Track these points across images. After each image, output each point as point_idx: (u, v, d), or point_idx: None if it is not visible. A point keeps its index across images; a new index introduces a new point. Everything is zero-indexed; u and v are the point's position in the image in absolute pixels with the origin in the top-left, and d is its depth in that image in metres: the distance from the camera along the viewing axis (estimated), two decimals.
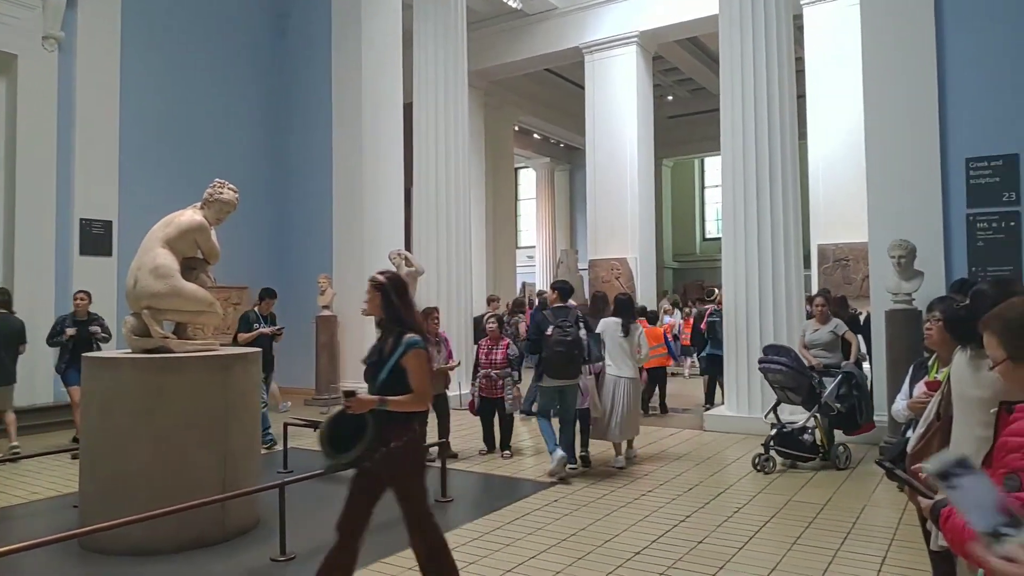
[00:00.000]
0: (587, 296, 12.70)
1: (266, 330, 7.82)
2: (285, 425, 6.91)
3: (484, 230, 16.78)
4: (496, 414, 7.19)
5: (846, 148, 11.28)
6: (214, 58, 11.36)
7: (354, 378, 7.22)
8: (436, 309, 7.18)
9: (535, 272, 23.86)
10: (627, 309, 6.82)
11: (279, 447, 6.97)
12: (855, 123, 8.99)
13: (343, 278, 10.98)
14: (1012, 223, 7.03)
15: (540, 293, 12.59)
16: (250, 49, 11.94)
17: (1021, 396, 1.72)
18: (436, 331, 6.99)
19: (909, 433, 3.59)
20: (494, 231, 17.49)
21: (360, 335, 9.93)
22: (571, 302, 6.71)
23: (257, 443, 5.22)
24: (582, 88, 15.37)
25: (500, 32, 15.54)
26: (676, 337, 13.34)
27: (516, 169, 24.54)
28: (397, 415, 3.15)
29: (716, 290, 10.46)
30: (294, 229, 11.99)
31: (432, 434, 6.91)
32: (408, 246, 11.08)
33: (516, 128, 20.32)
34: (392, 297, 3.25)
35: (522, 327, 10.85)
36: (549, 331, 6.12)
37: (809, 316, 7.66)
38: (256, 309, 8.07)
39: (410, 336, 3.18)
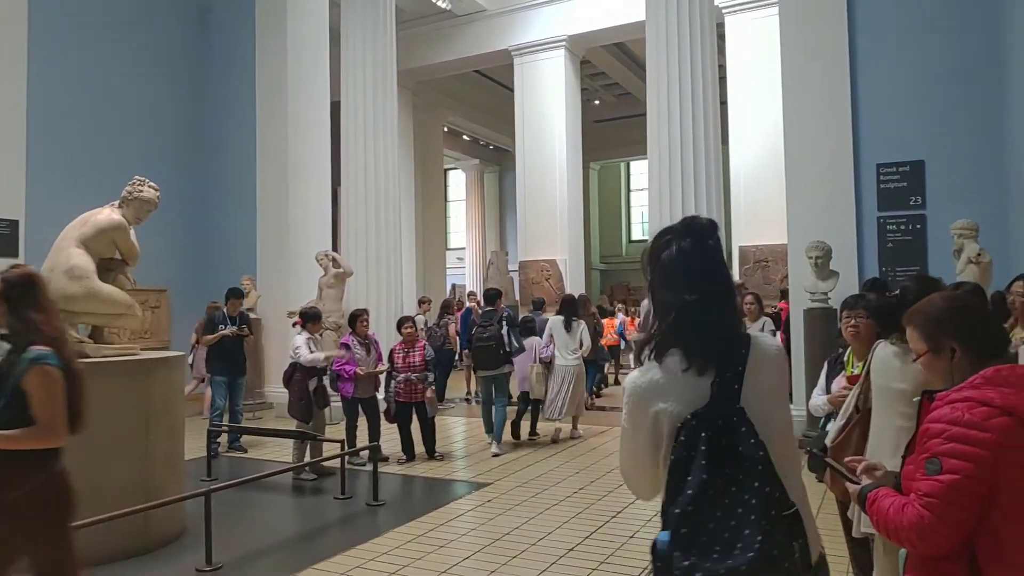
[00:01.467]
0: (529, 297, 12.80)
1: (227, 331, 7.55)
2: (209, 431, 6.67)
3: (414, 231, 16.66)
4: (416, 419, 6.96)
5: (766, 153, 11.72)
6: (131, 50, 10.84)
7: (279, 383, 7.02)
8: (365, 311, 7.06)
9: (465, 274, 23.82)
10: (570, 308, 7.98)
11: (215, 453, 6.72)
12: (775, 129, 9.36)
13: (268, 280, 10.67)
14: (918, 226, 7.47)
15: (471, 294, 12.57)
16: (169, 41, 11.45)
17: (941, 386, 1.81)
18: (366, 333, 6.88)
19: (829, 426, 3.76)
20: (424, 232, 17.37)
21: (287, 338, 9.67)
22: (508, 304, 6.95)
23: (180, 450, 5.01)
24: (511, 90, 15.46)
25: (429, 32, 15.46)
26: (621, 336, 13.60)
27: (446, 170, 24.42)
28: (17, 456, 2.46)
29: None
30: (216, 230, 11.56)
31: (363, 437, 6.84)
32: (336, 247, 10.87)
33: (445, 129, 20.24)
34: (16, 301, 2.60)
35: (452, 328, 10.81)
36: (474, 331, 7.42)
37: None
38: (224, 310, 7.82)
39: (37, 350, 2.51)
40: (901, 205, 7.49)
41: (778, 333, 8.47)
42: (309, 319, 6.66)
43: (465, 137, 22.61)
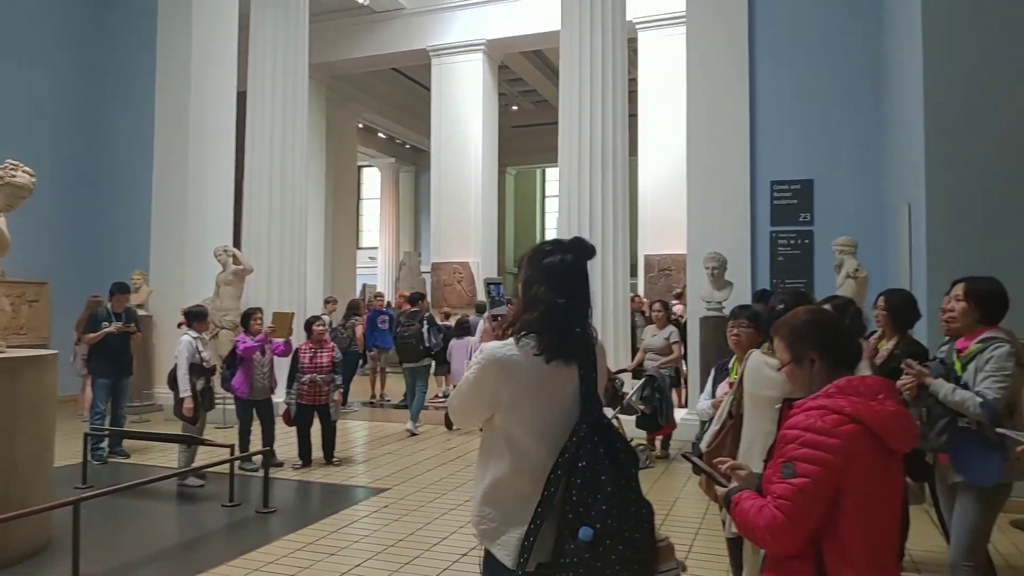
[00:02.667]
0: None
1: (111, 328, 7.10)
2: (85, 435, 6.27)
3: (323, 229, 16.26)
4: (318, 422, 6.76)
5: (673, 166, 12.11)
6: (15, 26, 10.10)
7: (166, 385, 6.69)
8: (259, 310, 6.81)
9: (377, 274, 23.45)
10: (482, 311, 8.35)
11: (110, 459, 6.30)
12: (681, 143, 9.67)
13: (161, 275, 10.17)
14: (806, 240, 7.89)
15: (378, 295, 12.37)
16: (61, 18, 10.75)
17: (801, 394, 1.91)
18: (259, 333, 6.64)
19: (710, 428, 3.91)
20: (334, 230, 16.98)
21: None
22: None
23: (49, 456, 4.68)
24: (429, 90, 15.36)
25: (346, 27, 15.15)
26: None
27: (360, 167, 24.00)
28: None
29: None
30: (106, 221, 10.92)
31: (256, 441, 6.60)
32: (237, 242, 10.46)
33: (360, 126, 19.89)
34: None
35: (359, 330, 10.62)
36: (399, 328, 8.76)
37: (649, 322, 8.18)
38: (108, 306, 7.34)
39: None
40: (791, 221, 7.89)
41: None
42: (194, 318, 6.35)
43: (381, 135, 22.28)
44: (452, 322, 11.54)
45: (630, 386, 6.92)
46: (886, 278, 6.57)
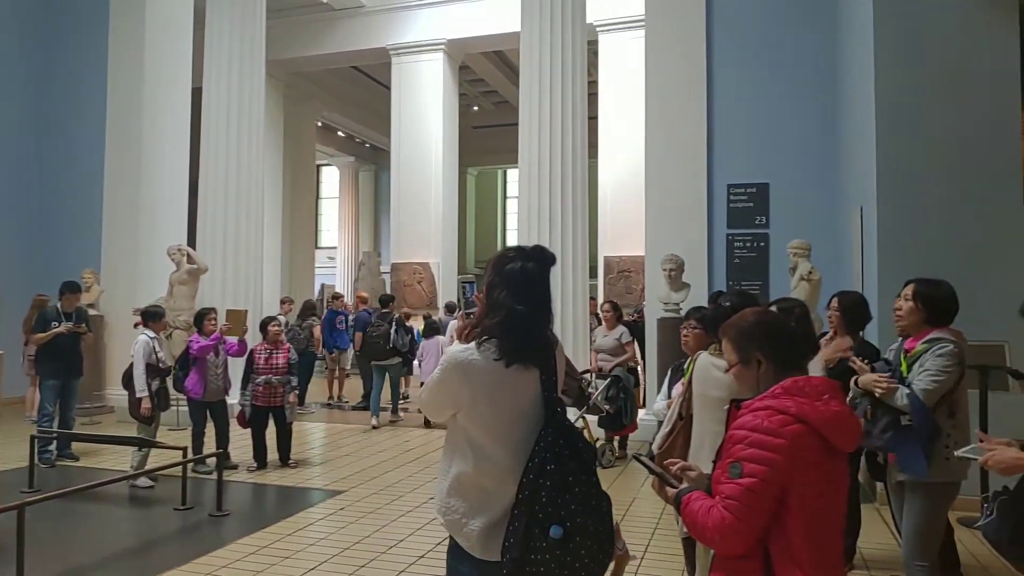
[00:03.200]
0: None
1: (61, 328, 6.87)
2: (32, 438, 6.05)
3: (281, 228, 16.00)
4: (273, 424, 6.65)
5: (632, 168, 12.21)
6: None
7: (119, 386, 6.50)
8: (213, 310, 6.67)
9: (336, 274, 23.17)
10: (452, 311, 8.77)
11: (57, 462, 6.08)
12: (642, 144, 9.78)
13: (113, 274, 9.89)
14: (762, 243, 8.04)
15: (337, 297, 12.17)
16: (9, 14, 10.38)
17: (749, 394, 1.94)
18: (213, 333, 6.50)
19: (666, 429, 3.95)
20: (292, 229, 16.72)
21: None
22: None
23: None
24: (389, 89, 15.25)
25: (305, 23, 14.94)
26: None
27: (319, 166, 23.70)
28: None
29: None
30: (57, 219, 10.58)
31: (210, 443, 6.46)
32: (192, 241, 10.23)
33: (319, 124, 19.63)
34: None
35: (316, 330, 10.49)
36: (368, 328, 9.37)
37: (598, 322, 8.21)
38: (58, 305, 7.10)
39: None
40: (748, 224, 8.04)
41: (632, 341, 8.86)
42: (150, 318, 6.20)
43: (340, 133, 22.03)
44: (412, 323, 11.47)
45: (595, 386, 6.96)
46: (840, 280, 6.74)
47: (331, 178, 26.21)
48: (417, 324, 11.55)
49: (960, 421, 3.04)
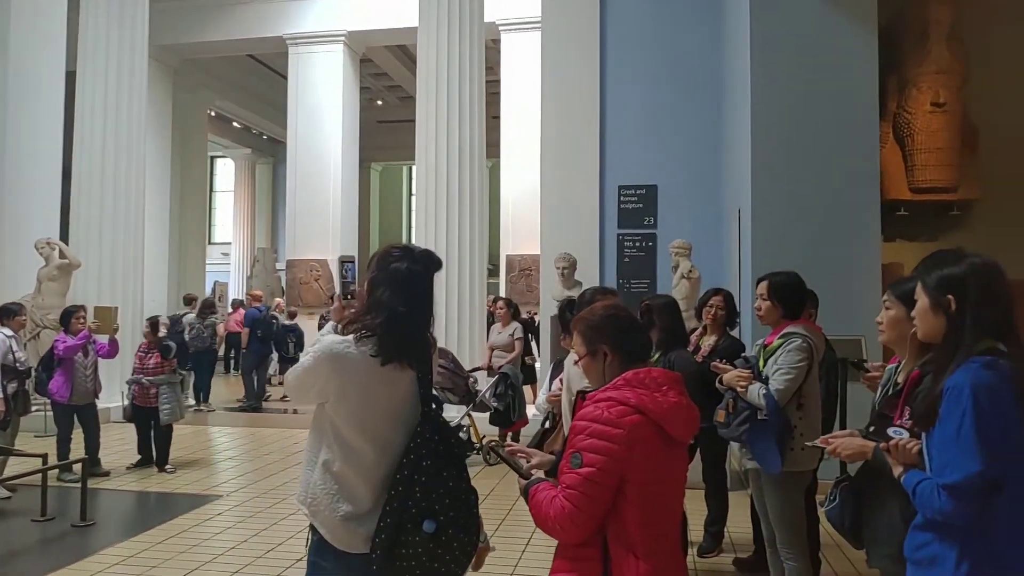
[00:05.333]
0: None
1: None
2: None
3: (169, 222, 15.17)
4: (152, 425, 6.46)
5: (535, 166, 12.27)
6: None
7: None
8: (82, 308, 6.28)
9: (230, 270, 22.20)
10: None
11: None
12: None
13: None
14: (650, 243, 8.30)
15: (255, 296, 11.69)
16: None
17: (596, 385, 1.98)
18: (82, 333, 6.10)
19: (548, 424, 4.01)
20: (182, 224, 15.91)
21: None
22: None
23: None
24: (287, 79, 14.78)
25: (196, 8, 14.22)
26: None
27: (212, 158, 22.67)
28: None
29: None
30: None
31: (78, 448, 6.06)
32: (65, 234, 9.56)
33: (212, 113, 18.77)
34: None
35: (220, 328, 10.10)
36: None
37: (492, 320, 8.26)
38: None
39: None
40: (637, 224, 8.28)
41: (532, 339, 8.98)
42: (4, 314, 5.74)
43: (236, 124, 21.12)
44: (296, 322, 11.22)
45: (483, 383, 7.00)
46: (721, 278, 7.04)
47: (226, 171, 25.11)
48: (312, 322, 11.29)
49: (808, 413, 3.21)
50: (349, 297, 2.14)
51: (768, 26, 6.19)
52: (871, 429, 2.21)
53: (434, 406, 2.01)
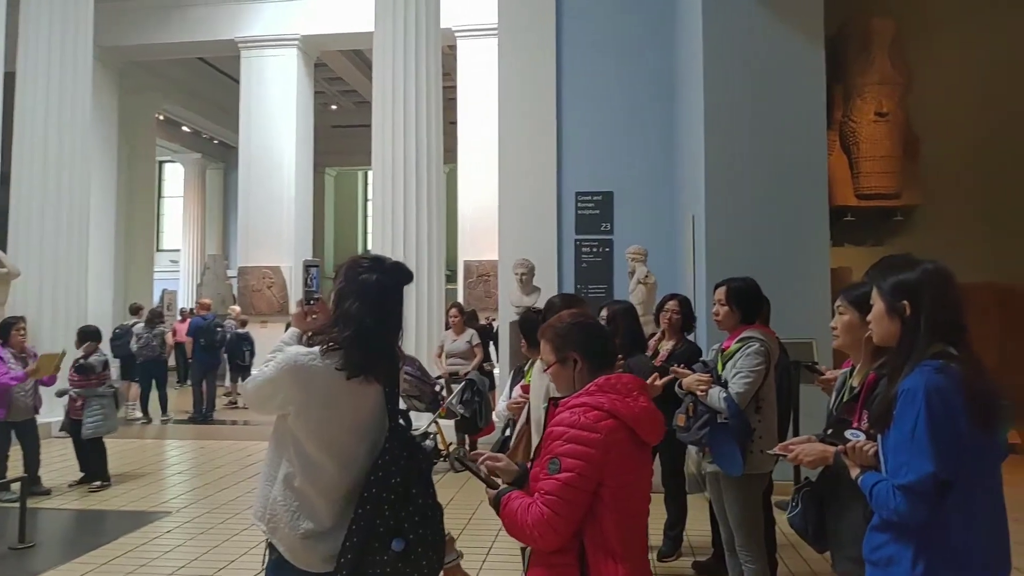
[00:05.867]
0: None
1: None
2: None
3: (115, 228, 14.69)
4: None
5: (492, 172, 12.24)
6: None
7: None
8: (22, 320, 6.01)
9: (180, 278, 21.58)
10: None
11: None
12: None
13: None
14: (607, 249, 8.36)
15: (203, 304, 11.31)
16: None
17: (566, 392, 2.00)
18: (22, 346, 5.84)
19: (508, 432, 3.98)
20: (128, 230, 15.42)
21: None
22: None
23: None
24: (239, 82, 14.49)
25: (144, 9, 13.86)
26: None
27: (161, 163, 22.11)
28: None
29: None
30: None
31: (17, 466, 5.80)
32: (3, 242, 9.17)
33: (161, 117, 18.29)
34: None
35: (169, 338, 9.81)
36: None
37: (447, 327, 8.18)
38: None
39: None
40: (594, 230, 8.33)
41: (490, 345, 8.96)
42: None
43: (185, 128, 20.62)
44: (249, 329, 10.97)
45: (450, 390, 6.95)
46: (676, 283, 7.12)
47: (175, 176, 24.46)
48: (265, 331, 11.05)
49: (766, 415, 3.26)
50: (312, 303, 2.06)
51: (720, 37, 6.29)
52: (829, 433, 2.24)
53: (402, 421, 1.98)
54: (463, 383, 6.89)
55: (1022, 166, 7.87)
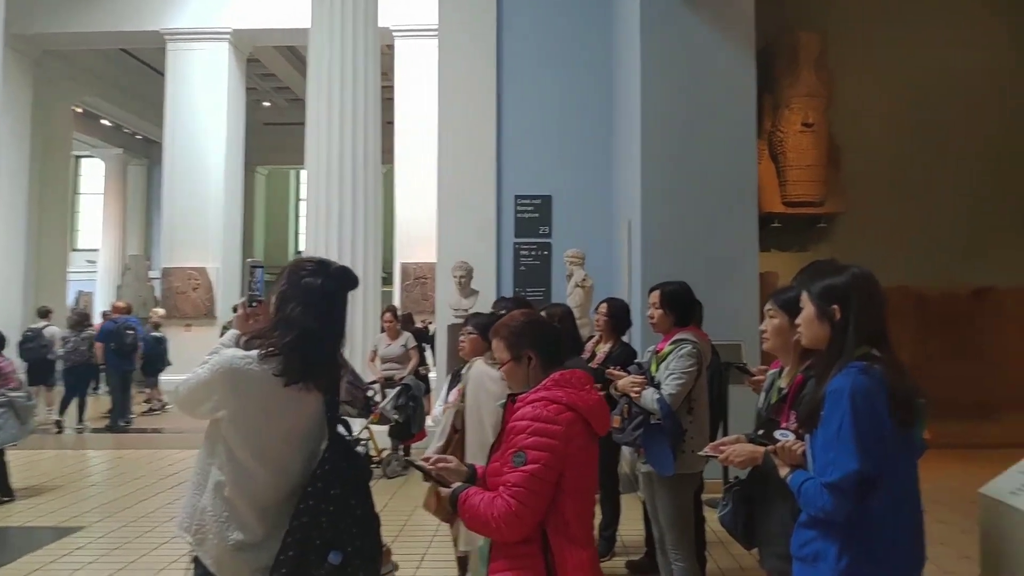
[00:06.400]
0: None
1: None
2: None
3: (26, 226, 13.84)
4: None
5: (430, 173, 12.08)
6: None
7: None
8: None
9: (96, 280, 20.47)
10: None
11: None
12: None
13: None
14: (546, 252, 8.39)
15: (119, 308, 10.68)
16: None
17: (520, 389, 2.06)
18: None
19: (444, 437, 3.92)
20: (40, 228, 14.58)
21: None
22: None
23: None
24: (164, 75, 13.94)
25: None
26: None
27: (78, 157, 21.07)
28: None
29: None
30: None
31: None
32: None
33: (79, 110, 17.43)
34: None
35: (99, 347, 9.34)
36: None
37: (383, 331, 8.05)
38: None
39: None
40: (533, 233, 8.36)
41: (427, 348, 8.87)
42: None
43: (106, 122, 19.68)
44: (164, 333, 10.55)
45: (384, 395, 6.82)
46: (613, 287, 7.20)
47: (95, 172, 23.31)
48: (189, 335, 10.64)
49: (697, 416, 3.32)
50: (254, 305, 2.00)
51: (657, 47, 6.40)
52: (759, 433, 2.28)
53: (342, 430, 1.95)
54: (398, 388, 6.79)
55: (934, 176, 8.32)
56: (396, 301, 12.61)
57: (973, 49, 8.33)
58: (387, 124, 12.93)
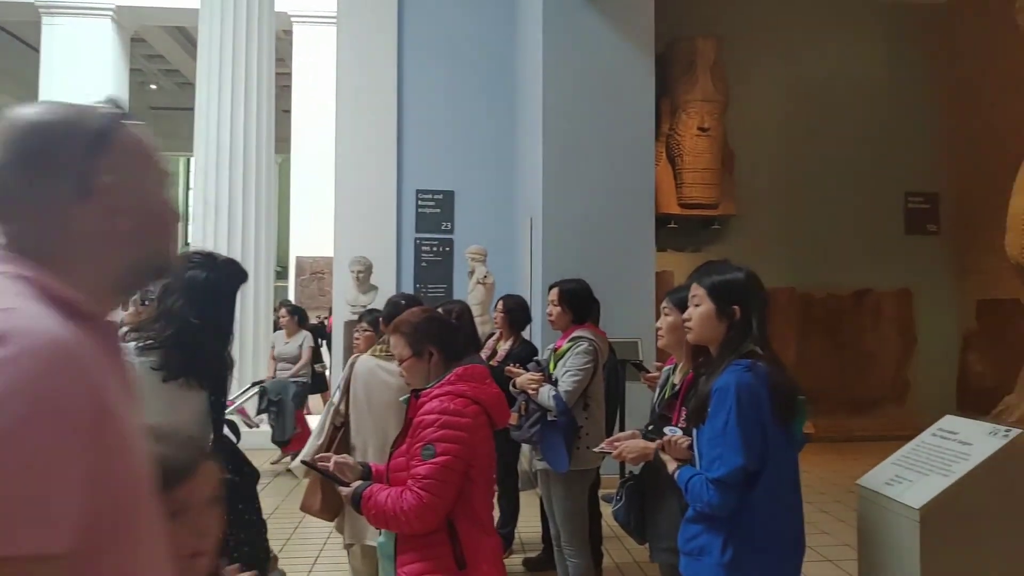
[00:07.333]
0: None
1: None
2: None
3: None
4: None
5: (328, 164, 11.78)
6: None
7: None
8: None
9: None
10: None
11: None
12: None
13: None
14: (447, 248, 8.32)
15: None
16: None
17: (421, 384, 2.07)
18: None
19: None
20: None
21: None
22: None
23: None
24: (39, 52, 12.87)
25: None
26: None
27: None
28: None
29: None
30: None
31: None
32: None
33: None
34: None
35: None
36: None
37: (277, 328, 7.75)
38: None
39: None
40: (435, 229, 8.26)
41: (323, 345, 8.61)
42: None
43: None
44: None
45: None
46: (514, 284, 7.21)
47: None
48: None
49: (593, 413, 3.35)
50: (148, 303, 1.88)
51: (559, 45, 6.46)
52: (651, 428, 2.31)
53: (228, 432, 1.90)
54: (254, 388, 6.51)
55: (820, 182, 8.82)
56: (291, 297, 12.18)
57: (858, 60, 8.90)
58: (284, 112, 12.48)
